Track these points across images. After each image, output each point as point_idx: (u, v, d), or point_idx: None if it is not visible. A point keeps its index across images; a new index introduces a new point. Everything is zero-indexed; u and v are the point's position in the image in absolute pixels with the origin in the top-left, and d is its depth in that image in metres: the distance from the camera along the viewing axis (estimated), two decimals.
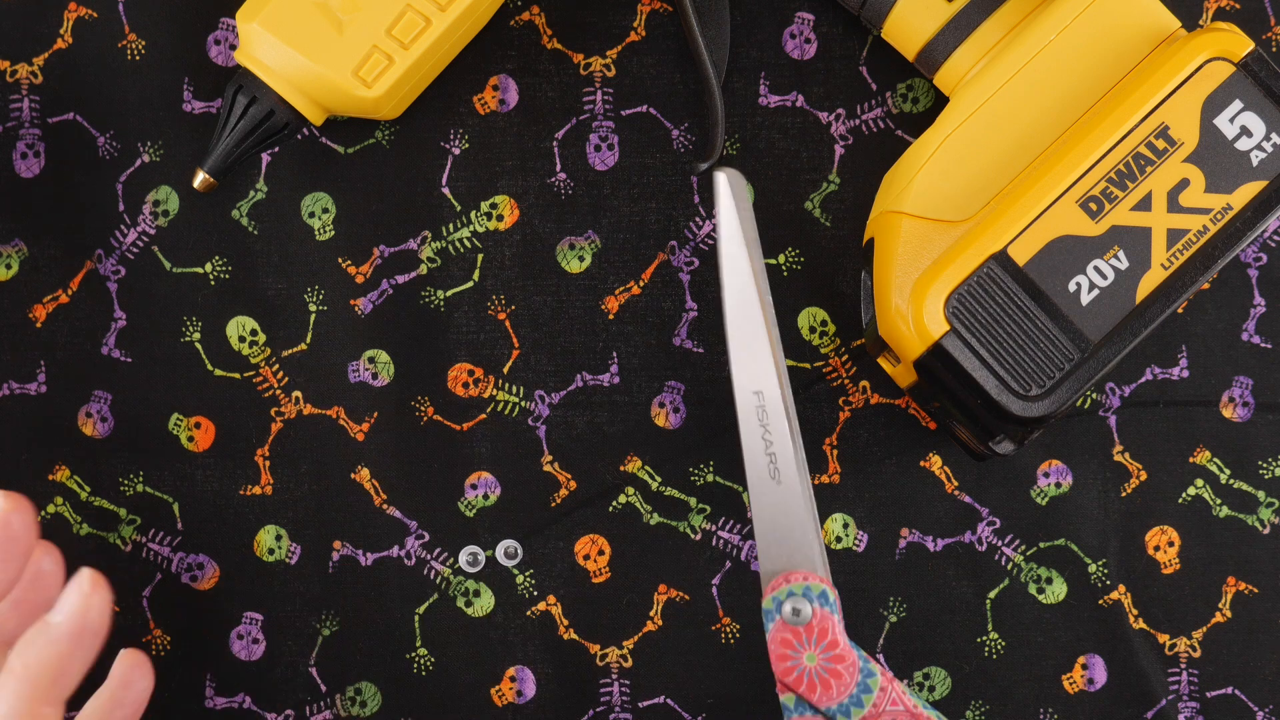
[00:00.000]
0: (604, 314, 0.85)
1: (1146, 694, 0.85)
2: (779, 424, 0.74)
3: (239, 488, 0.85)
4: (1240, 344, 0.85)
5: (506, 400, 0.85)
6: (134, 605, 0.85)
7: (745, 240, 0.74)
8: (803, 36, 0.85)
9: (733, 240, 0.74)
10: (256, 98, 0.81)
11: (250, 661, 0.85)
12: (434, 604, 0.85)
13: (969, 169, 0.78)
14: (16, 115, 0.85)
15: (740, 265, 0.74)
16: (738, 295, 0.74)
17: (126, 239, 0.85)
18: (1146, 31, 0.78)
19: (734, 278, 0.74)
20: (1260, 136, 0.77)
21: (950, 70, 0.81)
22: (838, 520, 0.85)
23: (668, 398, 0.85)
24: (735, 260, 0.74)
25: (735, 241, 0.74)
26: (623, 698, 0.85)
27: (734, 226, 0.74)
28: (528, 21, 0.85)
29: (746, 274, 0.74)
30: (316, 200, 0.85)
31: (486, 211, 0.85)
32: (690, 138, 0.85)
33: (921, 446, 0.85)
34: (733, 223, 0.74)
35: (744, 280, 0.74)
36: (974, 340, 0.76)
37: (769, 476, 0.74)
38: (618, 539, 0.85)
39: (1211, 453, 0.85)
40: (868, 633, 0.85)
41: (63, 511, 0.85)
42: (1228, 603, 0.85)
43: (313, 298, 0.85)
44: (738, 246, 0.74)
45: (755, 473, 0.74)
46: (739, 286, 0.74)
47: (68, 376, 0.85)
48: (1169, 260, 0.76)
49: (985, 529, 0.85)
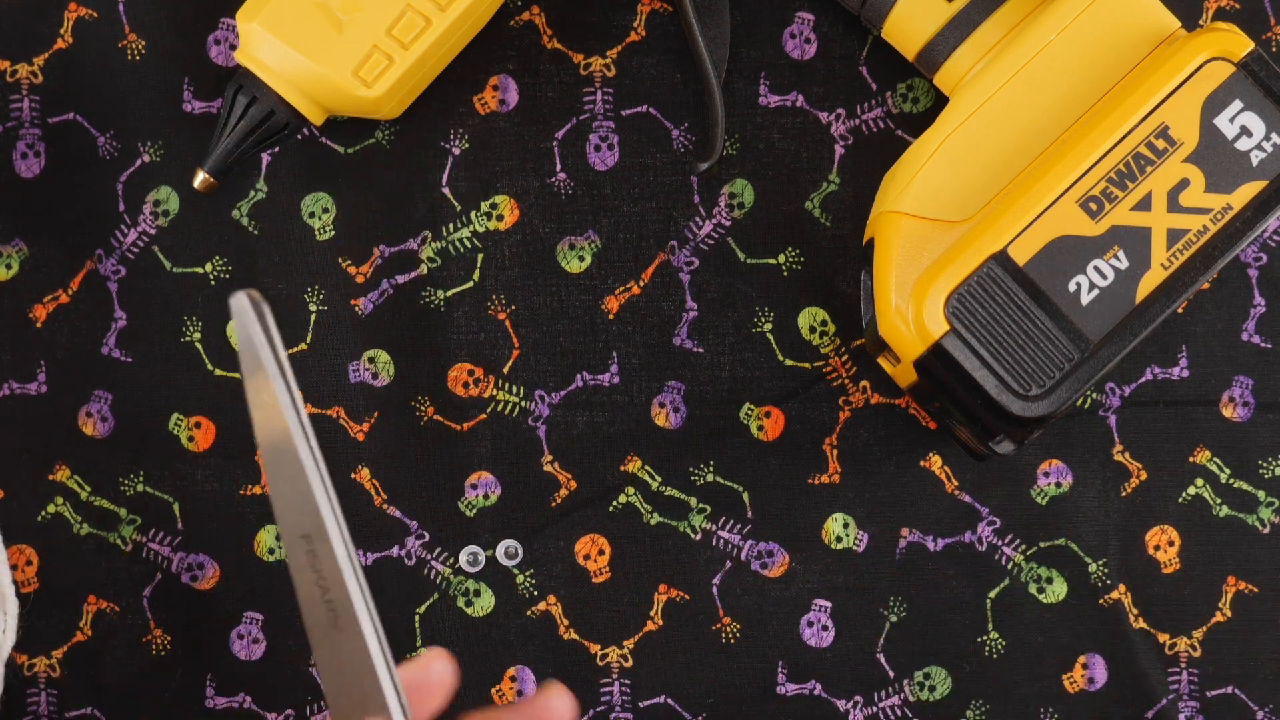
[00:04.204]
0: (604, 314, 0.85)
1: (1147, 693, 0.85)
2: (331, 567, 0.66)
3: (239, 488, 0.85)
4: (1240, 344, 0.85)
5: (506, 400, 0.85)
6: (134, 605, 0.85)
7: (269, 372, 0.64)
8: (803, 36, 0.85)
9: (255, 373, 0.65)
10: (256, 98, 0.81)
11: (250, 661, 0.85)
12: (434, 604, 0.85)
13: (969, 169, 0.78)
14: (16, 115, 0.85)
15: (266, 400, 0.65)
16: (268, 435, 0.65)
17: (127, 239, 0.85)
18: (1146, 31, 0.78)
19: (262, 414, 0.65)
20: (1260, 136, 0.77)
21: (950, 70, 0.81)
22: (838, 520, 0.85)
23: (668, 398, 0.85)
24: (260, 395, 0.65)
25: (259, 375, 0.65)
26: (623, 698, 0.85)
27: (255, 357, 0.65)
28: (528, 21, 0.85)
29: (274, 408, 0.65)
30: (316, 200, 0.85)
31: (486, 211, 0.85)
32: (690, 138, 0.85)
33: (921, 446, 0.85)
34: (253, 352, 0.65)
35: (273, 416, 0.65)
36: (974, 340, 0.76)
37: (329, 625, 0.66)
38: (618, 539, 0.85)
39: (1211, 452, 0.85)
40: (867, 633, 0.85)
41: (63, 511, 0.85)
42: (1228, 602, 0.85)
43: (313, 298, 0.85)
44: (262, 380, 0.65)
45: (312, 622, 0.66)
46: (268, 424, 0.65)
47: (68, 376, 0.85)
48: (1169, 260, 0.76)
49: (985, 529, 0.85)
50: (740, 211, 0.85)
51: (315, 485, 0.65)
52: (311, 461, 0.65)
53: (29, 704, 0.85)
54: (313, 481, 0.65)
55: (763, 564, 0.85)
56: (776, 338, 0.85)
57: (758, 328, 0.85)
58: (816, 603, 0.85)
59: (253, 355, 0.64)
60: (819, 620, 0.85)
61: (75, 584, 0.85)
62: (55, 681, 0.85)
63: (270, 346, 0.64)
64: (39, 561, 0.85)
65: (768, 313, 0.85)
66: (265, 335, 0.64)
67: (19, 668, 0.85)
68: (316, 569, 0.65)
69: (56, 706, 0.85)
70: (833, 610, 0.85)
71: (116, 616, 0.85)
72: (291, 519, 0.65)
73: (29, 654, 0.85)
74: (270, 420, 0.65)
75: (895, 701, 0.85)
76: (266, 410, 0.65)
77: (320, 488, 0.65)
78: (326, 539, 0.65)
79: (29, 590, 0.85)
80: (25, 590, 0.85)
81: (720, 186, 0.85)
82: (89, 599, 0.85)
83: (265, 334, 0.64)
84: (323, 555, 0.65)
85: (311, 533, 0.65)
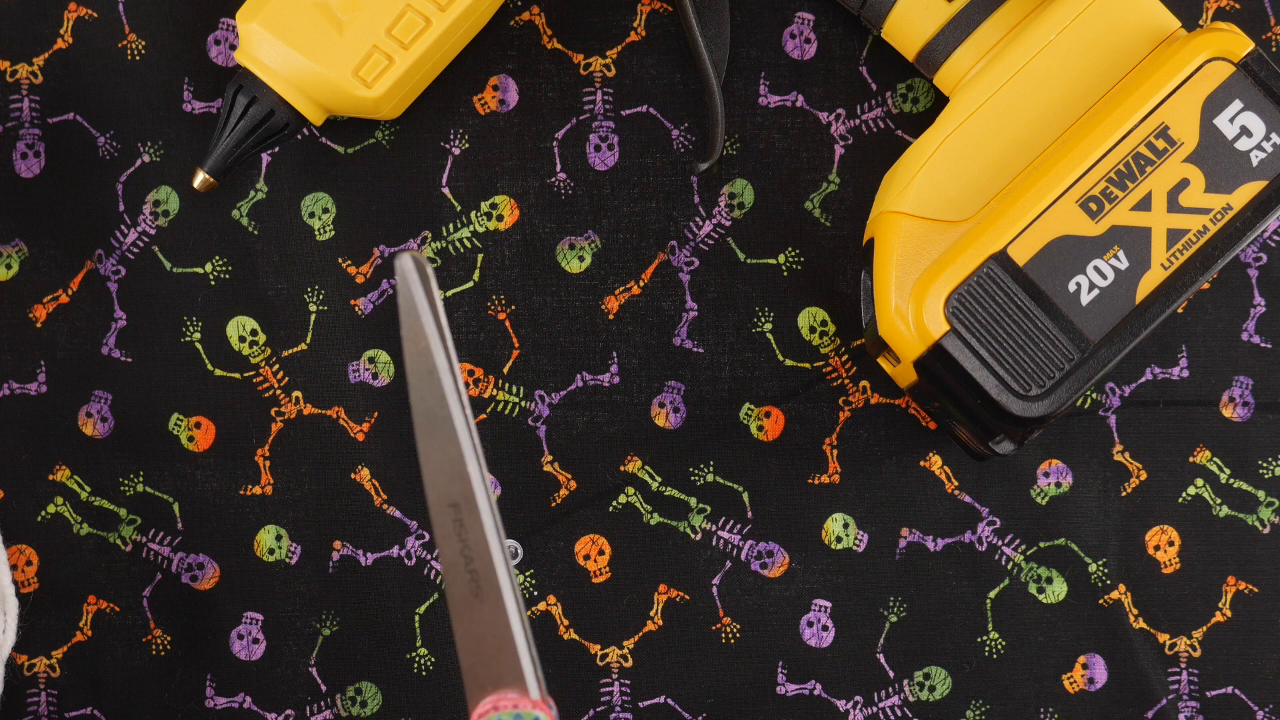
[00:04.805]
0: (604, 314, 0.85)
1: (1147, 693, 0.85)
2: (478, 537, 0.66)
3: (239, 488, 0.85)
4: (1240, 344, 0.85)
5: (506, 400, 0.85)
6: (134, 605, 0.85)
7: (429, 335, 0.64)
8: (803, 36, 0.85)
9: (416, 336, 0.64)
10: (256, 98, 0.81)
11: (250, 661, 0.85)
12: (434, 604, 0.85)
13: (969, 169, 0.78)
14: (16, 115, 0.85)
15: (424, 365, 0.64)
16: (423, 401, 0.65)
17: (126, 239, 0.85)
18: (1146, 31, 0.78)
19: (418, 379, 0.65)
20: (1260, 136, 0.77)
21: (950, 70, 0.81)
22: (838, 520, 0.85)
23: (668, 398, 0.85)
24: (418, 360, 0.64)
25: (419, 339, 0.64)
26: (623, 698, 0.85)
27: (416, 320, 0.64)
28: (528, 21, 0.85)
29: (432, 374, 0.64)
30: (316, 200, 0.85)
31: (486, 211, 0.85)
32: (690, 138, 0.85)
33: (921, 446, 0.85)
34: (415, 315, 0.64)
35: (429, 382, 0.64)
36: (974, 340, 0.76)
37: (471, 595, 0.66)
38: (618, 539, 0.85)
39: (1211, 452, 0.85)
40: (867, 633, 0.85)
41: (63, 511, 0.85)
42: (1228, 602, 0.85)
43: (313, 298, 0.85)
44: (422, 344, 0.64)
45: (455, 591, 0.66)
46: (424, 390, 0.65)
47: (68, 376, 0.85)
48: (1169, 260, 0.76)
49: (985, 529, 0.85)
50: (740, 211, 0.85)
51: (469, 454, 0.65)
52: (466, 430, 0.64)
53: (29, 704, 0.85)
54: (465, 450, 0.65)
55: (763, 564, 0.85)
56: (776, 338, 0.85)
57: (758, 328, 0.85)
58: (816, 603, 0.85)
59: (414, 319, 0.64)
60: (819, 620, 0.85)
61: (75, 584, 0.85)
62: (55, 681, 0.85)
63: (432, 311, 0.64)
64: (39, 561, 0.85)
65: (768, 313, 0.85)
66: (428, 299, 0.64)
67: (19, 668, 0.85)
68: (462, 538, 0.65)
69: (56, 706, 0.85)
70: (833, 610, 0.85)
71: (116, 616, 0.85)
72: (441, 486, 0.65)
73: (29, 654, 0.85)
74: (427, 386, 0.64)
75: (895, 701, 0.85)
76: (423, 376, 0.64)
77: (473, 457, 0.65)
78: (475, 509, 0.65)
79: (29, 590, 0.85)
80: (25, 590, 0.85)
81: (720, 186, 0.85)
82: (89, 599, 0.85)
83: (429, 298, 0.64)
84: (470, 524, 0.65)
85: (460, 501, 0.65)
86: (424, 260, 0.64)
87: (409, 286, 0.64)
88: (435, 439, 0.65)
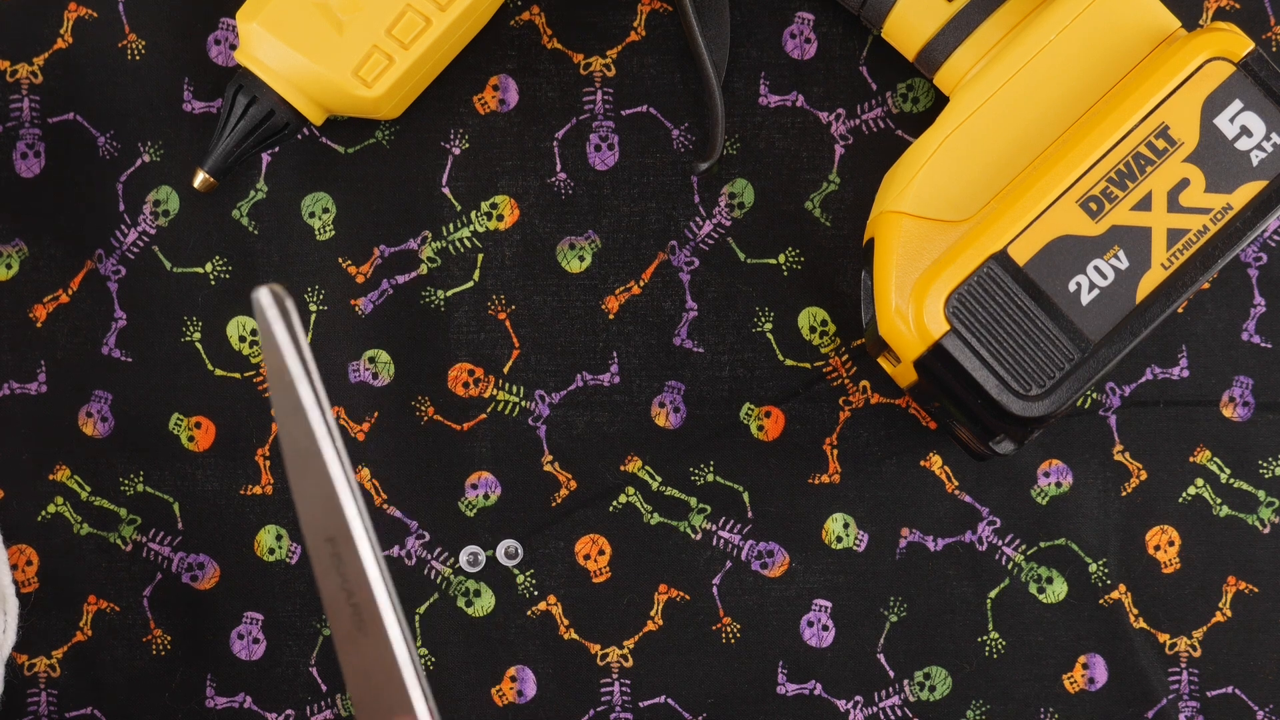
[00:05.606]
0: (604, 314, 0.85)
1: (1147, 693, 0.85)
2: (356, 570, 0.64)
3: (239, 488, 0.85)
4: (1240, 344, 0.85)
5: (507, 400, 0.85)
6: (134, 605, 0.85)
7: (292, 369, 0.62)
8: (803, 36, 0.85)
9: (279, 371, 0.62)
10: (256, 98, 0.81)
11: (250, 661, 0.85)
12: (434, 604, 0.85)
13: (969, 169, 0.78)
14: (16, 115, 0.85)
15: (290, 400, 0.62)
16: (292, 435, 0.63)
17: (127, 239, 0.85)
18: (1146, 31, 0.78)
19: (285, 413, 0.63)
20: (1260, 136, 0.77)
21: (950, 70, 0.81)
22: (838, 520, 0.85)
23: (668, 398, 0.85)
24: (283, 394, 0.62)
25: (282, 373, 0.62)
26: (623, 698, 0.85)
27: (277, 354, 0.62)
28: (528, 21, 0.85)
29: (298, 408, 0.62)
30: (316, 200, 0.85)
31: (486, 211, 0.85)
32: (690, 138, 0.85)
33: (921, 446, 0.85)
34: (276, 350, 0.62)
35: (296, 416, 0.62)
36: (974, 340, 0.76)
37: (354, 629, 0.64)
38: (618, 539, 0.85)
39: (1211, 452, 0.85)
40: (868, 633, 0.85)
41: (63, 511, 0.85)
42: (1228, 602, 0.85)
43: (313, 298, 0.85)
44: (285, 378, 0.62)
45: (339, 626, 0.65)
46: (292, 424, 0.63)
47: (68, 376, 0.85)
48: (1169, 260, 0.76)
49: (985, 529, 0.85)
50: (740, 211, 0.85)
51: (340, 487, 0.63)
52: (337, 463, 0.63)
53: (29, 704, 0.85)
54: (337, 483, 0.63)
55: (763, 564, 0.85)
56: (776, 338, 0.85)
57: (758, 328, 0.85)
58: (816, 603, 0.85)
59: (275, 352, 0.62)
60: (819, 620, 0.85)
61: (75, 584, 0.85)
62: (55, 681, 0.85)
63: (294, 343, 0.62)
64: (39, 561, 0.85)
65: (768, 313, 0.85)
66: (289, 332, 0.62)
67: (19, 668, 0.85)
68: (341, 572, 0.64)
69: (56, 706, 0.85)
70: (833, 610, 0.85)
71: (116, 616, 0.85)
72: (316, 522, 0.64)
73: (29, 654, 0.85)
74: (293, 420, 0.62)
75: (895, 701, 0.85)
76: (290, 409, 0.62)
77: (346, 490, 0.63)
78: (351, 541, 0.63)
79: (29, 590, 0.85)
80: (25, 590, 0.85)
81: (720, 186, 0.85)
82: (89, 599, 0.85)
83: (289, 330, 0.62)
84: (347, 558, 0.64)
85: (336, 535, 0.63)
86: (283, 293, 0.62)
87: (268, 321, 0.62)
88: (307, 474, 0.63)
